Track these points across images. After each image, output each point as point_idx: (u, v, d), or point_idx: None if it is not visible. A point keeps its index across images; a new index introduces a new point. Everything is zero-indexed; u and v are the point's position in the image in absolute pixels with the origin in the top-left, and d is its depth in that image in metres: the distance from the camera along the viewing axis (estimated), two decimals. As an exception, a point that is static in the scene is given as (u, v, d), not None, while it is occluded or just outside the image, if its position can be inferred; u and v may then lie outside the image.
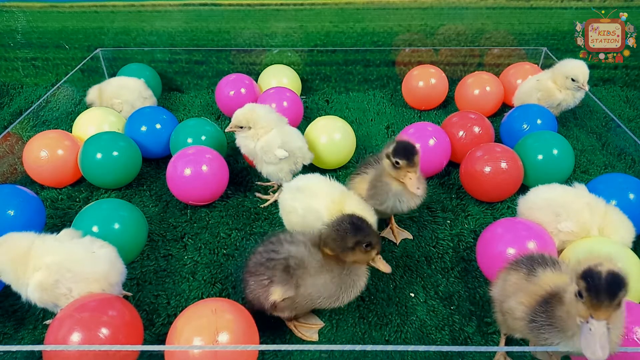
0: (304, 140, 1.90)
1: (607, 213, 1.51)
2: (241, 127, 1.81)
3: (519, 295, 1.15)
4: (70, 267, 1.29)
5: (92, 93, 2.41)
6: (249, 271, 1.32)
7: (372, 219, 1.47)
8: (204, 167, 1.81)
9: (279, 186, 1.96)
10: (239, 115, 1.80)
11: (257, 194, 1.97)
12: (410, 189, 1.46)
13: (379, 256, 1.28)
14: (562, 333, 1.06)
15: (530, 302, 1.13)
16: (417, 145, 1.47)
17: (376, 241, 1.25)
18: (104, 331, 1.17)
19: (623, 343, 1.11)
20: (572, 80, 2.17)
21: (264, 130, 1.80)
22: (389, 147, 1.49)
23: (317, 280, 1.25)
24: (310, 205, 1.50)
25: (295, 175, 1.93)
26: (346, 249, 1.23)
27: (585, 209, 1.50)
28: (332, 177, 1.60)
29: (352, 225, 1.24)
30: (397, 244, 1.72)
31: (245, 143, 1.84)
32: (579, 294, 0.96)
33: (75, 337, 1.14)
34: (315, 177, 1.61)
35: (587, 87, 2.18)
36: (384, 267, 1.28)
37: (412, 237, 1.75)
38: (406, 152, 1.44)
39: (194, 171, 1.80)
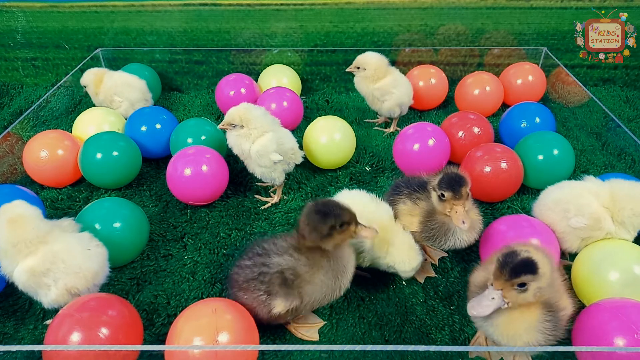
0: (294, 140, 1.90)
1: (613, 191, 1.49)
2: (233, 125, 1.78)
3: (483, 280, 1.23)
4: (65, 258, 1.30)
5: (89, 77, 2.36)
6: (240, 287, 1.29)
7: (417, 257, 1.44)
8: (204, 167, 1.81)
9: (279, 187, 1.96)
10: (233, 113, 1.77)
11: (257, 196, 1.97)
12: (455, 222, 1.35)
13: (359, 227, 1.25)
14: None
15: (481, 282, 1.22)
16: (466, 177, 1.37)
17: (349, 217, 1.23)
18: (104, 331, 1.17)
19: (629, 343, 1.11)
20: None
21: (257, 131, 1.77)
22: (435, 179, 1.41)
23: (314, 282, 1.25)
24: None
25: (288, 173, 1.94)
26: (325, 237, 1.22)
27: (593, 200, 1.48)
28: (378, 197, 1.52)
29: (319, 214, 1.22)
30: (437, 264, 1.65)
31: (238, 143, 1.80)
32: (495, 262, 1.11)
33: (75, 337, 1.15)
34: (360, 195, 1.52)
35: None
36: (368, 233, 1.25)
37: (447, 255, 1.68)
38: (451, 183, 1.34)
39: (194, 171, 1.80)
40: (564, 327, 1.16)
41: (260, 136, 1.78)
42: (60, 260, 1.29)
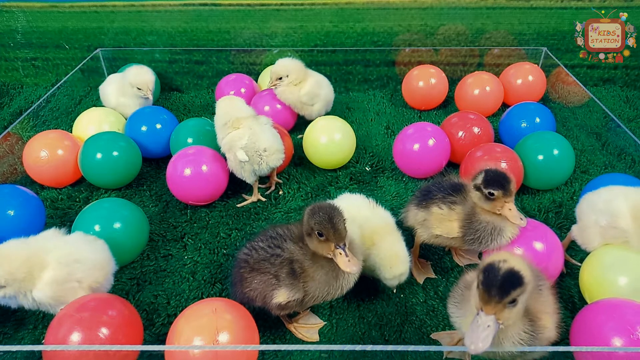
0: (276, 143, 1.83)
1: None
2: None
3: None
4: (78, 257, 1.32)
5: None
6: (251, 268, 1.28)
7: (401, 266, 1.39)
8: (204, 167, 1.81)
9: (254, 185, 1.94)
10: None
11: (243, 195, 1.98)
12: (512, 220, 1.34)
13: (340, 251, 1.18)
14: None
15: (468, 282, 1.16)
16: (510, 174, 1.35)
17: (332, 235, 1.17)
18: (104, 331, 1.17)
19: (625, 343, 1.11)
20: None
21: (230, 126, 1.82)
22: (476, 178, 1.38)
23: (316, 279, 1.24)
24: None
25: (261, 176, 1.90)
26: (305, 233, 1.22)
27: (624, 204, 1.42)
28: (376, 203, 1.50)
29: (312, 211, 1.20)
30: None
31: (217, 135, 1.88)
32: (477, 285, 0.99)
33: (75, 337, 1.15)
34: (359, 198, 1.52)
35: None
36: (343, 264, 1.18)
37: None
38: (500, 181, 1.32)
39: (194, 171, 1.80)
40: (541, 344, 1.07)
41: (233, 130, 1.81)
42: (73, 261, 1.30)
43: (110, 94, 2.35)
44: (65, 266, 1.29)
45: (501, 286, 0.95)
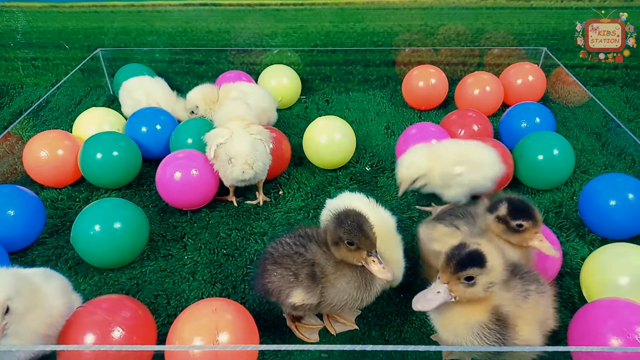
0: (247, 154, 1.73)
1: None
2: None
3: None
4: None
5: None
6: (274, 261, 1.26)
7: (400, 266, 1.37)
8: (194, 172, 1.78)
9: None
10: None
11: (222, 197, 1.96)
12: (545, 252, 1.22)
13: (373, 259, 1.17)
14: None
15: None
16: (531, 202, 1.25)
17: (363, 242, 1.16)
18: (118, 331, 1.17)
19: (623, 343, 1.11)
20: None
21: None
22: (496, 208, 1.25)
23: (337, 287, 1.22)
24: None
25: (246, 184, 1.85)
26: (333, 244, 1.20)
27: None
28: (377, 202, 1.47)
29: (338, 219, 1.19)
30: None
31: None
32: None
33: (90, 337, 1.15)
34: (358, 197, 1.50)
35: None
36: (378, 272, 1.17)
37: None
38: (528, 211, 1.22)
39: (184, 175, 1.77)
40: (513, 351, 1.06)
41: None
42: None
43: (137, 89, 2.34)
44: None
45: (460, 260, 1.01)
